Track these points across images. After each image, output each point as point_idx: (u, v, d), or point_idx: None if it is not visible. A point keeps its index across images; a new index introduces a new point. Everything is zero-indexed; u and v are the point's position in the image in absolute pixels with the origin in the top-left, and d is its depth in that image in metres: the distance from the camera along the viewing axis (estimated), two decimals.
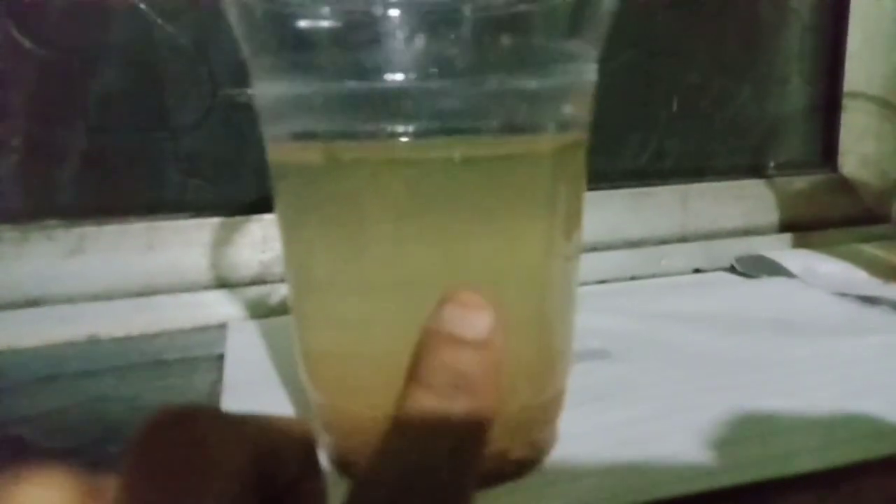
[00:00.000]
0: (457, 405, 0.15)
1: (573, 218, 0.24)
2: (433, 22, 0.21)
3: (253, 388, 0.33)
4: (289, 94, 0.23)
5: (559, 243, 0.23)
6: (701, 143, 0.55)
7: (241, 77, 0.45)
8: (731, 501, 0.24)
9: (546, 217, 0.23)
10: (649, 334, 0.37)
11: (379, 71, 0.21)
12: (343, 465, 0.25)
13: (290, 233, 0.25)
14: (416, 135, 0.21)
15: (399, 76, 0.21)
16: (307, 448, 0.16)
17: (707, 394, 0.31)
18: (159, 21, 0.43)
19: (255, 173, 0.46)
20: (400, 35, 0.21)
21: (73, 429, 0.32)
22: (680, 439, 0.27)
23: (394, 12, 0.21)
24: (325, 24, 0.22)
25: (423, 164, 0.21)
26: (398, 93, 0.21)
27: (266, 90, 0.24)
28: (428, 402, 0.15)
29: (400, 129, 0.21)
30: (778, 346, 0.36)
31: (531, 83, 0.21)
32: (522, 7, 0.21)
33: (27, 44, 0.42)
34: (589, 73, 0.23)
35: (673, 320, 0.40)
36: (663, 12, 0.53)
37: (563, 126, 0.23)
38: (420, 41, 0.21)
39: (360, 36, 0.21)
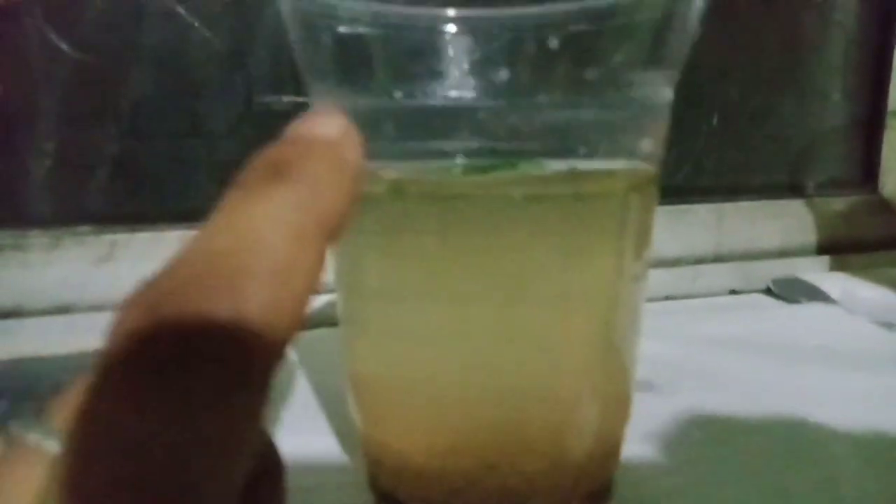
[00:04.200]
0: (269, 193, 0.12)
1: (642, 242, 0.23)
2: (501, 41, 0.20)
3: (291, 412, 0.32)
4: (349, 113, 0.23)
5: (628, 266, 0.22)
6: (739, 160, 0.54)
7: (276, 84, 0.44)
8: None
9: (615, 250, 0.22)
10: (693, 364, 0.36)
11: (440, 91, 0.20)
12: (389, 499, 0.24)
13: (346, 250, 0.24)
14: (479, 157, 0.21)
15: (463, 96, 0.20)
16: (267, 441, 0.15)
17: (762, 434, 0.30)
18: (196, 25, 0.42)
19: None
20: (463, 54, 0.20)
21: None
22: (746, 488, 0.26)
23: (458, 30, 0.20)
24: (386, 41, 0.21)
25: (488, 201, 0.20)
26: (461, 114, 0.20)
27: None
28: (234, 196, 0.12)
29: (461, 151, 0.21)
30: (826, 381, 0.34)
31: (606, 112, 0.21)
32: (599, 27, 0.20)
33: (63, 47, 0.41)
34: (666, 101, 0.22)
35: (715, 348, 0.38)
36: (704, 25, 0.51)
37: (638, 159, 0.22)
38: (485, 61, 0.20)
39: (422, 54, 0.21)
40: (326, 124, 0.14)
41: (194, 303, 0.11)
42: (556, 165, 0.21)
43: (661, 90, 0.22)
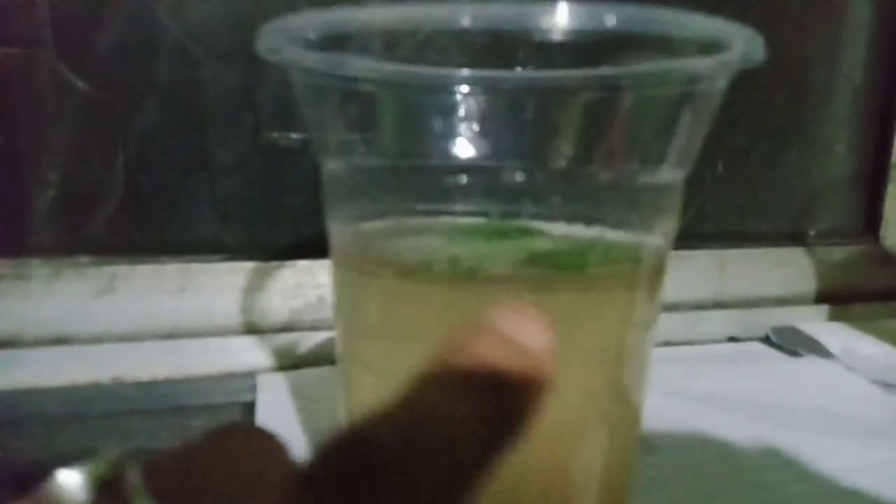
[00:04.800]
0: (470, 398, 0.13)
1: (655, 288, 0.23)
2: (517, 103, 0.20)
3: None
4: (355, 172, 0.22)
5: (639, 314, 0.22)
6: (742, 208, 0.54)
7: (284, 121, 0.44)
8: None
9: (625, 305, 0.22)
10: (692, 423, 0.36)
11: (448, 151, 0.20)
12: None
13: (350, 286, 0.24)
14: (485, 217, 0.20)
15: (471, 157, 0.20)
16: None
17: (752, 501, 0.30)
18: (207, 61, 0.42)
19: (292, 219, 0.45)
20: (475, 115, 0.20)
21: None
22: None
23: (470, 90, 0.19)
24: (393, 100, 0.21)
25: (496, 295, 0.20)
26: (469, 175, 0.20)
27: (332, 168, 0.23)
28: (446, 386, 0.13)
29: (473, 211, 0.20)
30: (822, 447, 0.34)
31: (620, 183, 0.20)
32: (618, 95, 0.20)
33: (74, 80, 0.41)
34: (679, 183, 0.22)
35: (714, 405, 0.38)
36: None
37: (657, 234, 0.22)
38: (497, 123, 0.20)
39: (428, 113, 0.21)
40: (539, 334, 0.15)
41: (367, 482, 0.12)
42: (564, 230, 0.21)
43: (675, 171, 0.22)
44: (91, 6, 0.40)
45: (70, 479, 0.13)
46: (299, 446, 0.31)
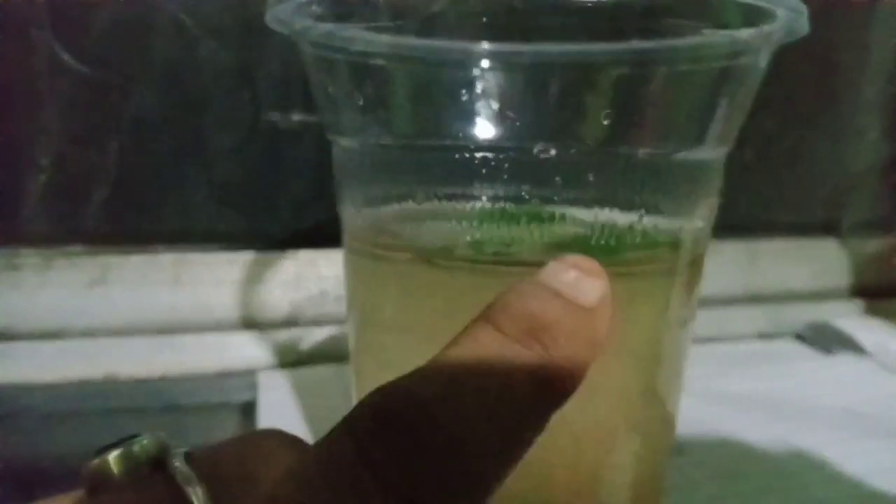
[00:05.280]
0: (526, 355, 0.13)
1: (693, 284, 0.21)
2: (541, 80, 0.18)
3: None
4: (369, 153, 0.21)
5: (676, 313, 0.20)
6: (772, 197, 0.52)
7: (285, 102, 0.42)
8: None
9: (663, 304, 0.20)
10: (722, 424, 0.34)
11: (468, 131, 0.19)
12: None
13: (365, 278, 0.22)
14: (507, 201, 0.19)
15: (500, 137, 0.18)
16: None
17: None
18: (204, 38, 0.40)
19: (293, 205, 0.43)
20: (497, 93, 0.18)
21: None
22: None
23: (491, 65, 0.18)
24: (408, 76, 0.20)
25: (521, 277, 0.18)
26: (491, 157, 0.18)
27: (345, 148, 0.22)
28: (492, 342, 0.13)
29: (497, 195, 0.19)
30: (855, 448, 0.33)
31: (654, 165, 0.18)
32: (651, 71, 0.18)
33: (69, 60, 0.39)
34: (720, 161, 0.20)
35: (744, 405, 0.36)
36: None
37: (697, 217, 0.20)
38: (519, 101, 0.18)
39: (448, 90, 0.19)
40: (592, 287, 0.14)
41: (418, 440, 0.12)
42: (597, 214, 0.19)
43: (716, 149, 0.20)
44: None
45: (111, 460, 0.14)
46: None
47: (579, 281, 0.14)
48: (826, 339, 0.46)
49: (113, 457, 0.14)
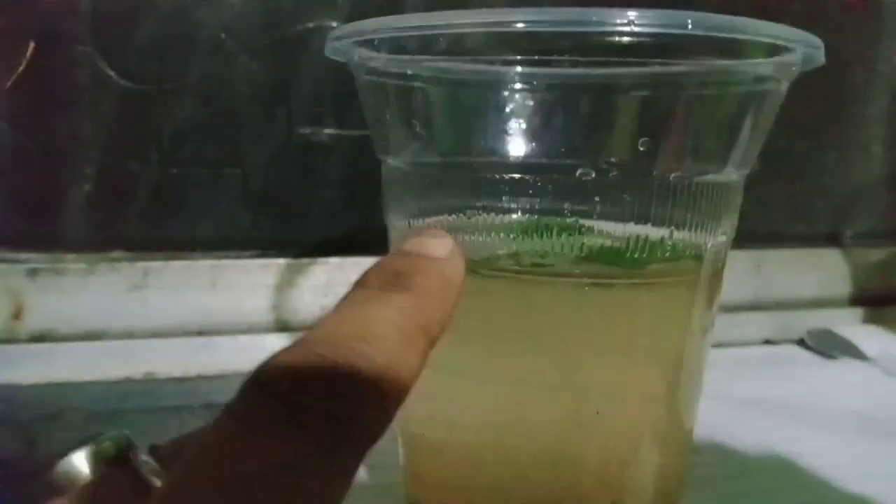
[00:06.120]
0: (387, 297, 0.15)
1: (714, 293, 0.23)
2: (574, 100, 0.20)
3: None
4: (413, 170, 0.23)
5: (698, 322, 0.22)
6: (778, 208, 0.53)
7: (317, 117, 0.44)
8: None
9: (686, 316, 0.21)
10: (731, 425, 0.36)
11: (504, 148, 0.20)
12: None
13: None
14: (540, 214, 0.20)
15: (535, 155, 0.20)
16: None
17: None
18: (241, 56, 0.42)
19: (324, 215, 0.45)
20: (535, 110, 0.20)
21: None
22: None
23: (525, 86, 0.19)
24: (450, 97, 0.21)
25: (556, 287, 0.20)
26: (524, 173, 0.20)
27: (391, 166, 0.23)
28: (364, 295, 0.15)
29: (532, 209, 0.20)
30: (860, 451, 0.34)
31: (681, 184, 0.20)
32: (683, 93, 0.20)
33: (112, 74, 0.41)
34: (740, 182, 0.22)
35: (751, 408, 0.38)
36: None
37: (719, 233, 0.21)
38: (552, 120, 0.20)
39: (484, 110, 0.21)
40: (437, 245, 0.17)
41: (321, 369, 0.13)
42: (630, 229, 0.20)
43: (738, 170, 0.21)
44: (130, 2, 0.40)
45: (78, 459, 0.15)
46: None
47: (428, 241, 0.17)
48: (829, 345, 0.48)
49: (80, 456, 0.15)
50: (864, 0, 0.53)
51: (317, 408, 0.13)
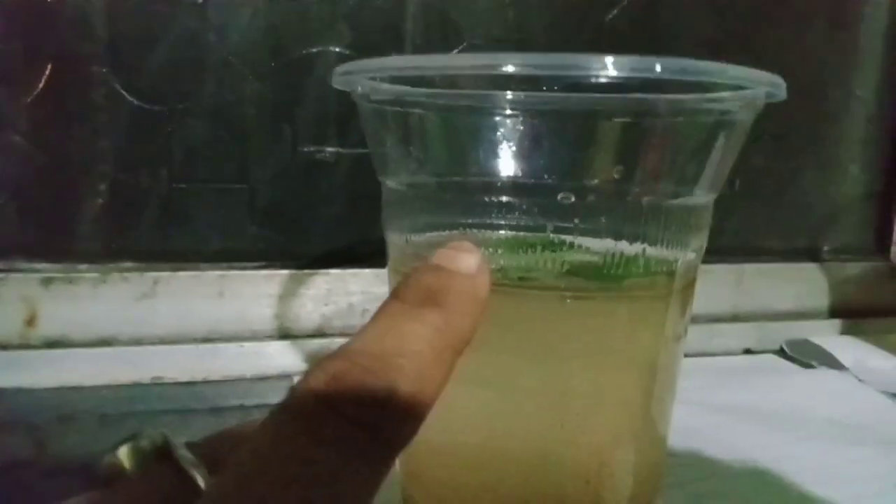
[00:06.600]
0: (421, 315, 0.16)
1: (686, 303, 0.24)
2: (559, 123, 0.21)
3: None
4: (409, 189, 0.24)
5: (671, 329, 0.24)
6: (758, 224, 0.56)
7: (319, 136, 0.46)
8: None
9: (660, 323, 0.23)
10: (709, 430, 0.37)
11: (496, 170, 0.22)
12: None
13: None
14: (521, 230, 0.22)
15: (521, 176, 0.22)
16: None
17: None
18: (249, 78, 0.44)
19: (325, 228, 0.47)
20: (522, 134, 0.21)
21: None
22: None
23: (513, 111, 0.21)
24: (443, 120, 0.23)
25: (541, 299, 0.22)
26: (518, 202, 0.22)
27: (390, 186, 0.25)
28: (399, 310, 0.16)
29: (517, 226, 0.22)
30: (836, 457, 0.35)
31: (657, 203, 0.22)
32: (660, 120, 0.21)
33: (125, 94, 0.43)
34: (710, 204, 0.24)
35: (730, 414, 0.39)
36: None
37: (690, 250, 0.23)
38: (538, 142, 0.21)
39: (473, 134, 0.22)
40: (466, 260, 0.18)
41: (363, 382, 0.15)
42: (609, 245, 0.22)
43: (707, 194, 0.23)
44: (144, 27, 0.43)
45: (120, 455, 0.16)
46: None
47: (459, 256, 0.18)
48: (807, 355, 0.49)
49: (123, 452, 0.16)
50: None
51: (364, 419, 0.14)
